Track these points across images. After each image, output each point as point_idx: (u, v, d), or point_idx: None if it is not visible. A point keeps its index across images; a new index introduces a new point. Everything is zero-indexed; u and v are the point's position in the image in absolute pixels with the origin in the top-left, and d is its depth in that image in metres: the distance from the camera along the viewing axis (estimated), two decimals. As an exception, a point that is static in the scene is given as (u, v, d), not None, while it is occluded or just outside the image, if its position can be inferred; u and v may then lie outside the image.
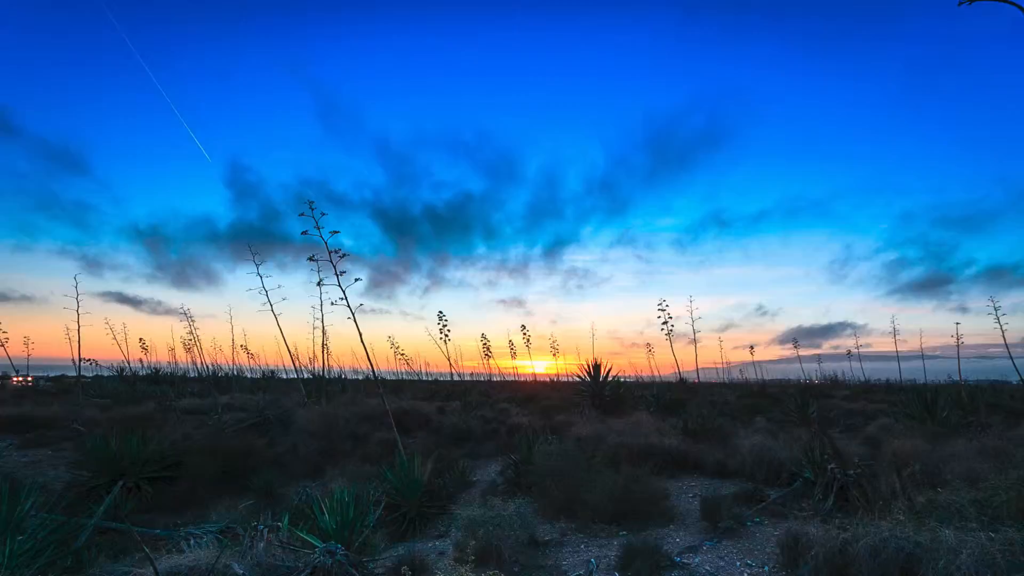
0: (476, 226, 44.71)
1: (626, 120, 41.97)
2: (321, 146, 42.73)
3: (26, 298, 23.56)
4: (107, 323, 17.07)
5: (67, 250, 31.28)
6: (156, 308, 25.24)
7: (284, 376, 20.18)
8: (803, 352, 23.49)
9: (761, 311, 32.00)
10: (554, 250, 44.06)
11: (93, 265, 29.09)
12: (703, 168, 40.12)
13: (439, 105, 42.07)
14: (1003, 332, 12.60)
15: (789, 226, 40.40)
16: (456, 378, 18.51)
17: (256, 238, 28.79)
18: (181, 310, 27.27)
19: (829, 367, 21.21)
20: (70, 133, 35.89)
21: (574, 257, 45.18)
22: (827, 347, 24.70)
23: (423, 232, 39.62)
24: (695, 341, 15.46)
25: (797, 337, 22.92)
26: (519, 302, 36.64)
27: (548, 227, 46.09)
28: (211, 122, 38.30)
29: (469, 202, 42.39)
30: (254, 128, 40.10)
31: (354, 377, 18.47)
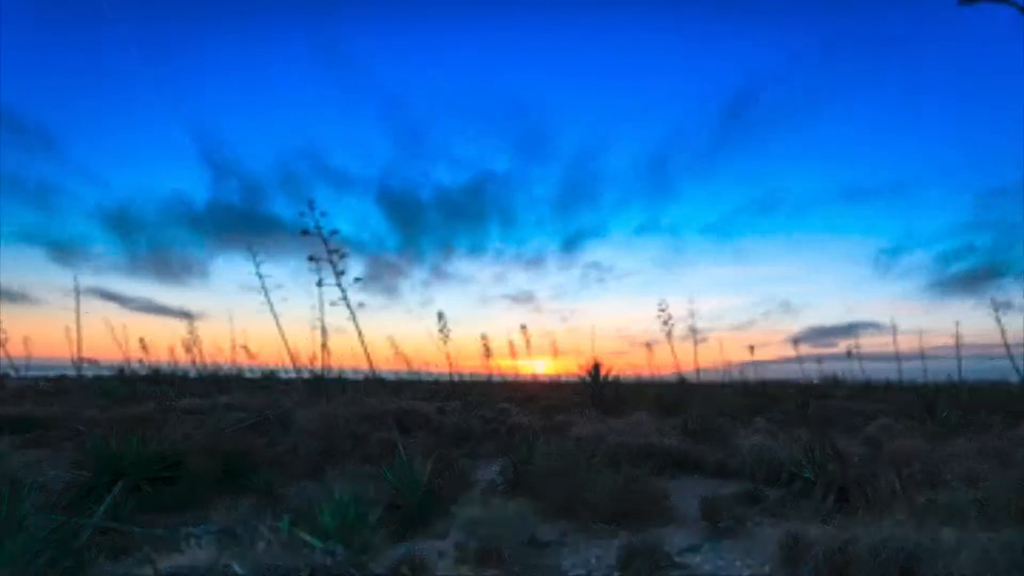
0: (494, 212, 37.16)
1: (686, 94, 32.85)
2: (318, 111, 33.63)
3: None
4: (107, 323, 17.08)
5: (34, 236, 25.62)
6: (147, 306, 23.40)
7: (284, 376, 20.17)
8: (821, 351, 22.54)
9: (785, 308, 29.31)
10: (579, 241, 37.92)
11: (65, 255, 24.75)
12: (761, 150, 32.79)
13: (465, 65, 31.26)
14: (1003, 332, 12.59)
15: (842, 211, 33.66)
16: (456, 378, 18.50)
17: (240, 221, 26.38)
18: (164, 307, 25.25)
19: (829, 367, 21.20)
20: (20, 100, 28.84)
21: (599, 249, 38.27)
22: (843, 346, 22.24)
23: (433, 217, 33.40)
24: (695, 341, 15.49)
25: (815, 336, 22.22)
26: (532, 298, 32.38)
27: (578, 214, 37.79)
28: (179, 77, 29.40)
29: (489, 183, 34.22)
30: (234, 88, 31.04)
31: (354, 377, 18.46)
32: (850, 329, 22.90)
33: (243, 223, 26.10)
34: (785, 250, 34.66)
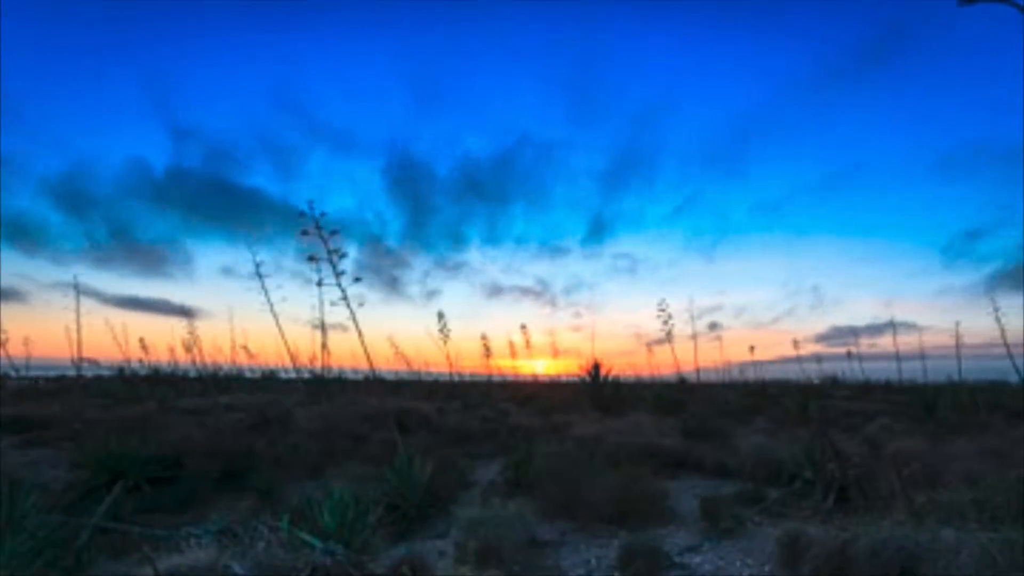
0: (522, 190, 29.14)
1: (784, 48, 24.58)
2: (309, 51, 23.65)
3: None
4: (107, 323, 17.07)
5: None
6: (128, 302, 20.32)
7: (284, 376, 20.19)
8: (843, 351, 21.04)
9: (817, 304, 25.15)
10: (613, 226, 31.04)
11: (18, 240, 19.64)
12: (858, 113, 25.31)
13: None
14: (1003, 332, 12.57)
15: (929, 185, 26.71)
16: (456, 378, 18.51)
17: (214, 196, 22.43)
18: (145, 301, 21.33)
19: (829, 367, 21.17)
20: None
21: (634, 236, 31.11)
22: (865, 345, 19.62)
23: (450, 194, 26.78)
24: (695, 341, 15.49)
25: (840, 335, 20.21)
26: (549, 291, 27.28)
27: (620, 193, 29.84)
28: (128, 13, 21.30)
29: (523, 152, 27.18)
30: (194, 23, 21.64)
31: (354, 377, 18.47)
32: (882, 329, 19.78)
33: (217, 198, 22.43)
34: (841, 233, 28.39)
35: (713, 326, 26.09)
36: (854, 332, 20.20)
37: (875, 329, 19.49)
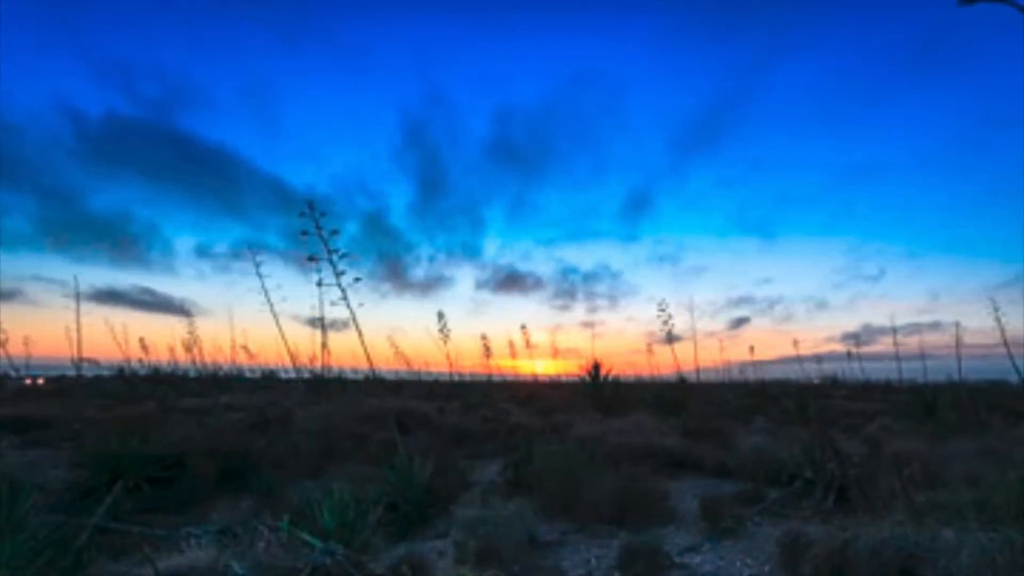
0: (560, 152, 21.82)
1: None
2: None
3: None
4: (107, 323, 17.05)
5: None
6: (109, 296, 16.39)
7: (284, 376, 20.21)
8: (866, 351, 20.41)
9: (855, 298, 23.31)
10: (657, 206, 25.97)
11: None
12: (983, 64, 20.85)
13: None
14: (1003, 332, 12.58)
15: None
16: (456, 378, 18.52)
17: (166, 152, 17.20)
18: (123, 294, 18.65)
19: (829, 367, 21.21)
20: None
21: (676, 218, 26.94)
22: (887, 344, 18.45)
23: (473, 160, 21.12)
24: (695, 340, 15.49)
25: (865, 335, 20.25)
26: (569, 282, 23.78)
27: (682, 160, 24.30)
28: None
29: (574, 97, 20.50)
30: None
31: (354, 377, 18.48)
32: (918, 328, 18.59)
33: (172, 157, 17.44)
34: (903, 221, 24.41)
35: (739, 322, 25.38)
36: (884, 331, 19.45)
37: (912, 328, 18.31)
